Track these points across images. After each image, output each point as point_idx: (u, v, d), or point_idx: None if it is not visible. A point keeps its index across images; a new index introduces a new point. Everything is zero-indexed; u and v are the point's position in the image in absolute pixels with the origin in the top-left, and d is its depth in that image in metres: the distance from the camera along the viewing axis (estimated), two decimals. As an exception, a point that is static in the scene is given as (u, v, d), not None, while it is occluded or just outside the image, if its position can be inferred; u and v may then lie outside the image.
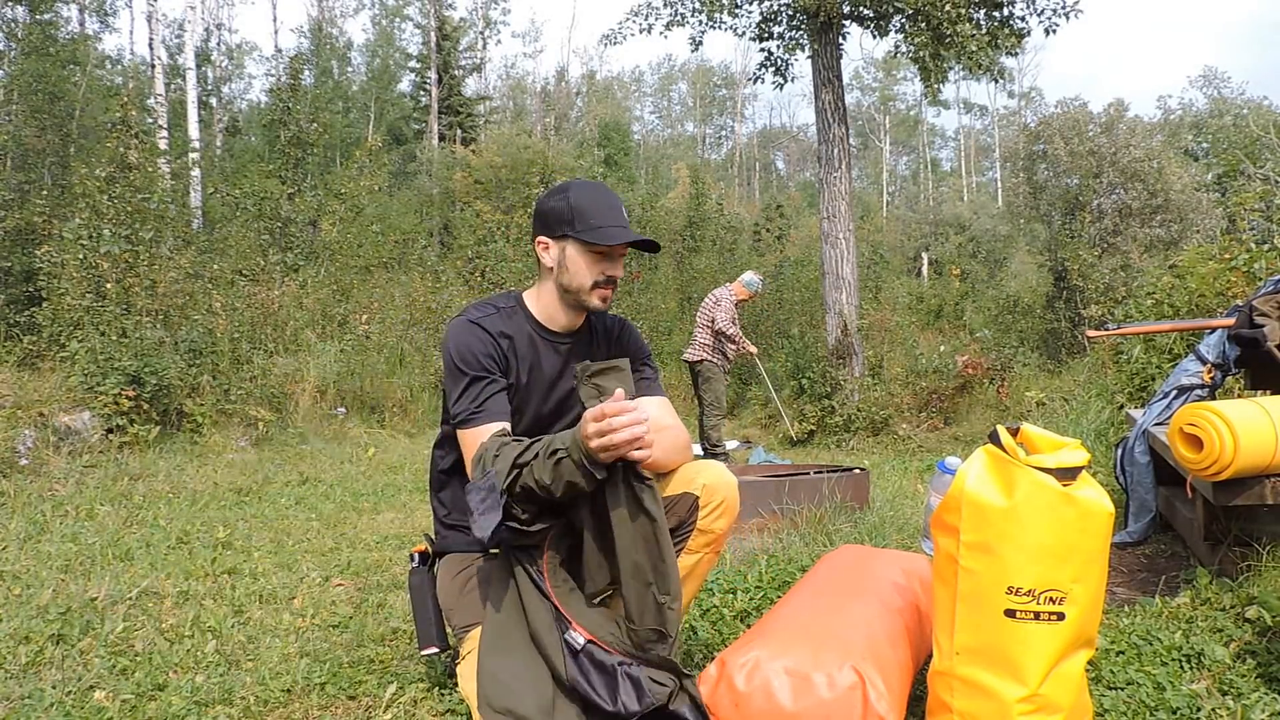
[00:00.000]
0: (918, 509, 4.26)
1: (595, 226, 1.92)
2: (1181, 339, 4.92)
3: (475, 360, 1.92)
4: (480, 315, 1.99)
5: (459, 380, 1.92)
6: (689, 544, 1.94)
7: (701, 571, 1.99)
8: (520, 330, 2.00)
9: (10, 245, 10.83)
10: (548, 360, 2.02)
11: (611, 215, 1.94)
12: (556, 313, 2.02)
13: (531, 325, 2.02)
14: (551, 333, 2.03)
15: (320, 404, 8.72)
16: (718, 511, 1.92)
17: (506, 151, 22.39)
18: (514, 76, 42.03)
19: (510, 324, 2.00)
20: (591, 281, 1.95)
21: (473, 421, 1.89)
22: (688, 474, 1.93)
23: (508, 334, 1.98)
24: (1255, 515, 2.67)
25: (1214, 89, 29.34)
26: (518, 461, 1.69)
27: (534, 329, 2.02)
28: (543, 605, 1.75)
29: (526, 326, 2.01)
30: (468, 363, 1.92)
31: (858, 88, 43.01)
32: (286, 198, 12.79)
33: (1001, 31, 8.98)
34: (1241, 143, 19.15)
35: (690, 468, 1.95)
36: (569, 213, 1.94)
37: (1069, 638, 1.63)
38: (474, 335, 1.94)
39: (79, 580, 3.07)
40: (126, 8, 39.36)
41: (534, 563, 1.80)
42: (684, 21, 9.93)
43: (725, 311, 7.14)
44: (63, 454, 5.84)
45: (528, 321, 2.02)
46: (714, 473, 1.93)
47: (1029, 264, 19.13)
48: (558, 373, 2.04)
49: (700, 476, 1.92)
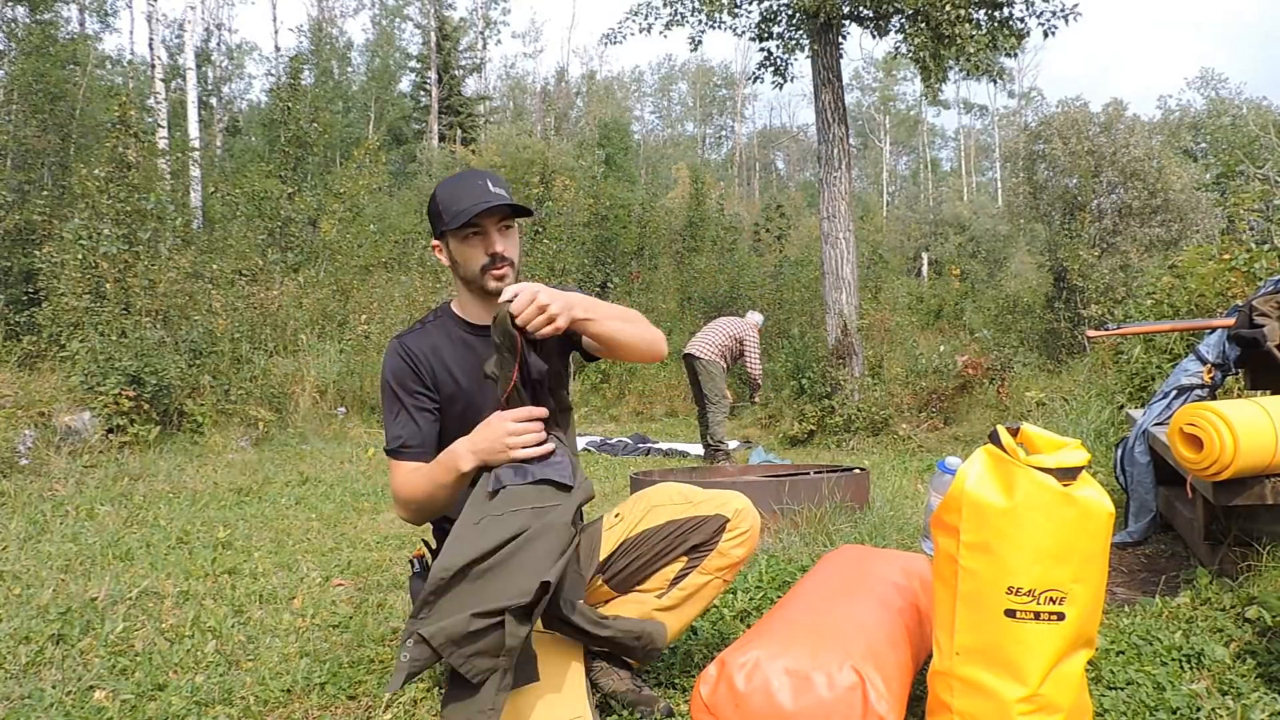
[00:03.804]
0: (918, 509, 4.26)
1: (456, 211, 1.88)
2: (1181, 339, 4.92)
3: (400, 384, 1.95)
4: (407, 335, 2.01)
5: (387, 405, 1.97)
6: (705, 563, 1.97)
7: (708, 595, 2.01)
8: (449, 337, 1.99)
9: (10, 245, 10.84)
10: (483, 353, 1.98)
11: (471, 194, 1.88)
12: (474, 308, 2.00)
13: (461, 328, 2.01)
14: (482, 327, 1.99)
15: (320, 404, 8.73)
16: (742, 539, 1.98)
17: (506, 151, 22.40)
18: (514, 76, 42.08)
19: (439, 334, 1.99)
20: (480, 265, 1.91)
21: (394, 455, 1.95)
22: (722, 497, 2.01)
23: (436, 346, 1.97)
24: (1255, 515, 2.67)
25: (1211, 89, 29.37)
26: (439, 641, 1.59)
27: (464, 330, 2.00)
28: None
29: (456, 330, 2.00)
30: (391, 387, 1.95)
31: (858, 88, 43.02)
32: (286, 197, 12.79)
33: (1001, 32, 8.98)
34: (1240, 142, 19.15)
35: (725, 493, 2.02)
36: (437, 209, 1.93)
37: (1069, 638, 1.63)
38: (396, 358, 1.96)
39: (79, 580, 3.07)
40: (126, 8, 39.25)
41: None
42: (684, 21, 9.92)
43: (753, 348, 7.53)
44: (63, 454, 5.85)
45: (457, 325, 2.01)
46: (745, 503, 2.01)
47: (1029, 264, 19.13)
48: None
49: (734, 502, 2.00)
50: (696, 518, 1.97)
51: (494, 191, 1.89)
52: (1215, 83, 29.76)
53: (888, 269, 17.09)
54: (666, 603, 1.98)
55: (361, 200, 14.55)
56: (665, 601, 1.98)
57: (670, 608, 1.98)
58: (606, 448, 7.99)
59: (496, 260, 1.91)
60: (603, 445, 8.09)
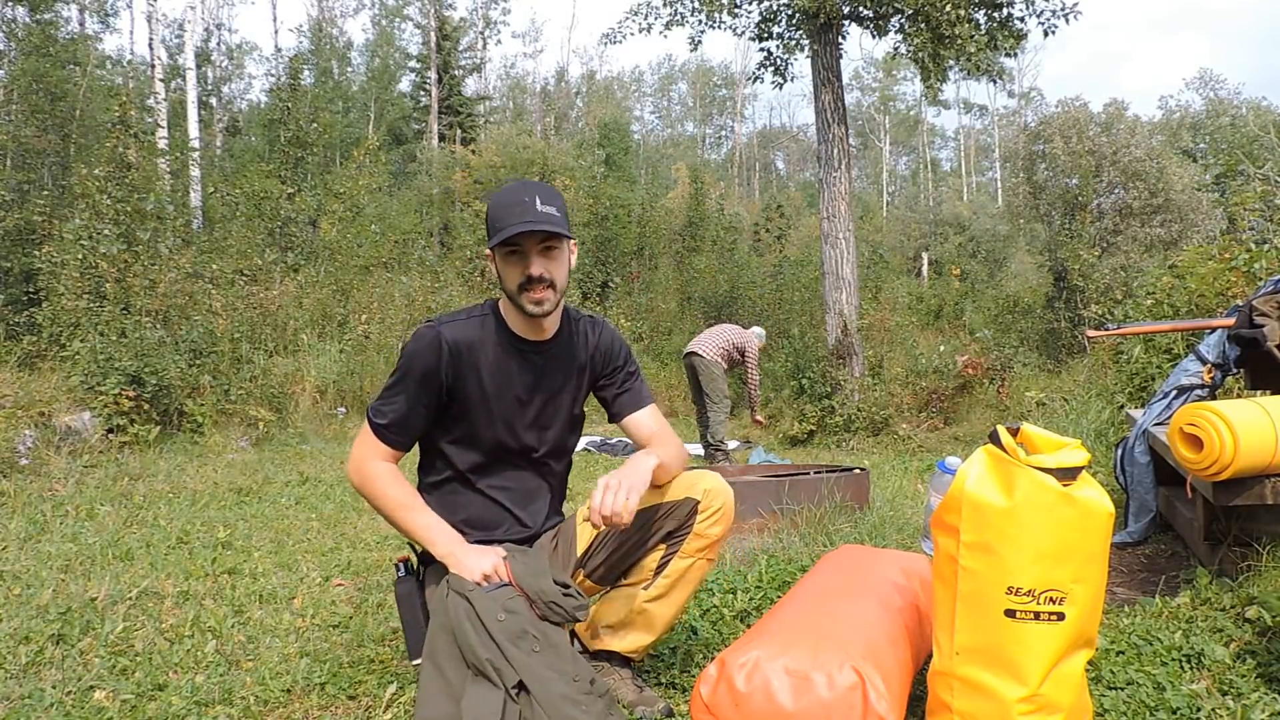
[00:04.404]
0: (918, 509, 4.26)
1: (499, 229, 1.85)
2: (1181, 339, 4.92)
3: (420, 373, 1.91)
4: (450, 323, 1.95)
5: (397, 377, 1.94)
6: (684, 547, 1.98)
7: (694, 577, 2.01)
8: (488, 339, 1.96)
9: (10, 245, 10.84)
10: (519, 371, 1.98)
11: (515, 212, 1.85)
12: (517, 320, 1.97)
13: (503, 335, 1.97)
14: (525, 342, 1.98)
15: (320, 404, 8.73)
16: (715, 517, 1.98)
17: (506, 151, 22.37)
18: (514, 76, 42.02)
19: (478, 332, 1.96)
20: (516, 285, 1.89)
21: (374, 427, 1.94)
22: (688, 480, 2.00)
23: (477, 345, 1.94)
24: (1255, 515, 2.67)
25: (1210, 90, 29.37)
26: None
27: (506, 339, 1.97)
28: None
29: (496, 335, 1.97)
30: (410, 368, 1.92)
31: (858, 88, 43.01)
32: (286, 197, 12.79)
33: (1001, 32, 8.98)
34: (1240, 143, 19.15)
35: (690, 475, 2.01)
36: (488, 223, 1.91)
37: (1069, 638, 1.63)
38: (429, 350, 1.91)
39: (79, 580, 3.07)
40: (126, 8, 39.32)
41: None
42: (683, 21, 9.93)
43: (754, 358, 7.49)
44: (63, 454, 5.85)
45: (499, 330, 1.98)
46: (713, 480, 2.00)
47: (1029, 264, 19.13)
48: (531, 385, 2.00)
49: (701, 483, 1.99)
50: (666, 504, 1.98)
51: (540, 210, 1.85)
52: (1214, 83, 29.77)
53: (888, 269, 17.07)
54: (654, 592, 1.99)
55: (361, 200, 14.55)
56: (653, 592, 1.99)
57: (659, 596, 1.99)
58: (606, 447, 7.98)
59: (532, 282, 1.88)
60: (603, 445, 8.09)
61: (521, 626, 1.70)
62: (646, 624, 2.01)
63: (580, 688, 1.67)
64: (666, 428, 2.10)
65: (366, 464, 1.94)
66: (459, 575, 1.80)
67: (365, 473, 1.94)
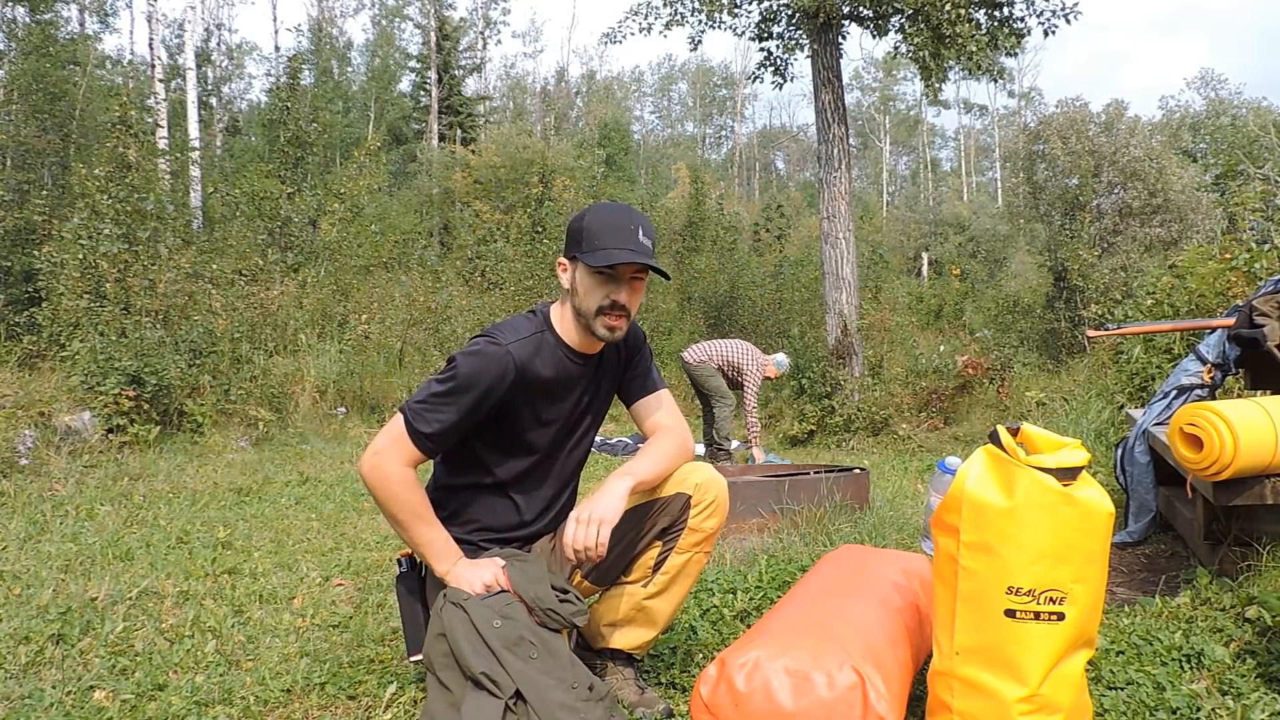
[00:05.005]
0: (918, 509, 4.26)
1: (598, 248, 1.85)
2: (1181, 339, 4.92)
3: (480, 390, 1.84)
4: (519, 344, 1.90)
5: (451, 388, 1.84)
6: (679, 543, 1.98)
7: (692, 571, 2.01)
8: (546, 355, 1.94)
9: (10, 245, 10.84)
10: (574, 387, 1.99)
11: (619, 236, 1.85)
12: (574, 333, 1.96)
13: (560, 349, 1.96)
14: (577, 354, 1.98)
15: (320, 404, 8.72)
16: (709, 511, 1.98)
17: (506, 151, 22.36)
18: (514, 76, 42.02)
19: (537, 349, 1.93)
20: (596, 306, 1.87)
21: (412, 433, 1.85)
22: (681, 474, 1.99)
23: (532, 361, 1.90)
24: (1255, 515, 2.67)
25: (1211, 90, 29.37)
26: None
27: (562, 353, 1.96)
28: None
29: (557, 351, 1.95)
30: (469, 384, 1.84)
31: (858, 88, 43.01)
32: (286, 197, 12.78)
33: (1001, 32, 8.98)
34: (1240, 143, 19.15)
35: (683, 469, 2.01)
36: (581, 233, 1.89)
37: (1069, 638, 1.63)
38: (497, 371, 1.85)
39: (79, 580, 3.07)
40: (126, 8, 39.42)
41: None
42: (683, 21, 9.92)
43: (753, 383, 7.24)
44: (63, 454, 5.84)
45: (556, 346, 1.96)
46: (706, 473, 2.00)
47: (1029, 264, 19.12)
48: (583, 399, 2.02)
49: (693, 477, 1.98)
50: (660, 500, 1.98)
51: (642, 242, 1.87)
52: (1215, 83, 29.77)
53: (888, 269, 17.06)
54: (653, 590, 1.99)
55: (361, 200, 14.54)
56: (651, 589, 1.99)
57: (659, 593, 2.00)
58: (606, 448, 7.98)
59: (615, 307, 1.88)
60: (603, 445, 8.09)
61: (519, 633, 1.70)
62: (648, 620, 2.02)
63: (579, 694, 1.67)
64: (671, 417, 2.07)
65: (389, 464, 1.86)
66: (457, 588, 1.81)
67: (385, 471, 1.87)
